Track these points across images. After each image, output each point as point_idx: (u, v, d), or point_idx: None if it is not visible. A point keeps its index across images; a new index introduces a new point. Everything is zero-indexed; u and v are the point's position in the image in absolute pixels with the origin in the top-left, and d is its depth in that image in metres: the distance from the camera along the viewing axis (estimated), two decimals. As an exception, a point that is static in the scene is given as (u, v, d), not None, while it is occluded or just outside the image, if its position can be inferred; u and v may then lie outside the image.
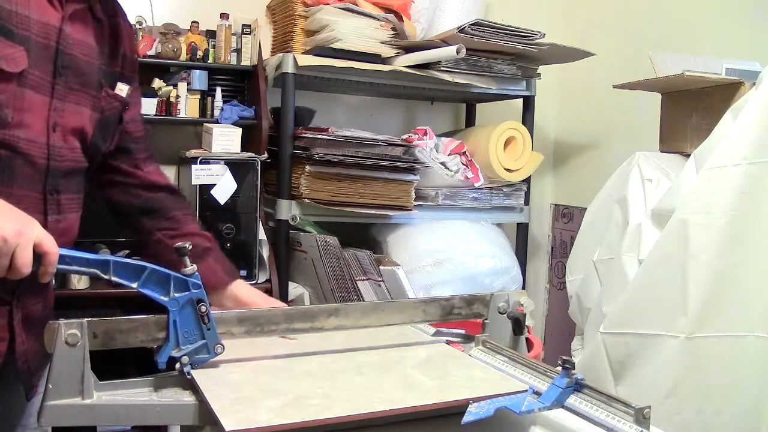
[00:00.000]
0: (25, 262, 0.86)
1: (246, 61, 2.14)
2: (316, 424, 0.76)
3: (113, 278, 0.90)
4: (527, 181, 2.32)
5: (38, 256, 0.87)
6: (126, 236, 1.97)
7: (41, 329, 0.82)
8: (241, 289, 1.20)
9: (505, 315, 1.11)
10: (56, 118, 1.02)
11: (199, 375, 0.88)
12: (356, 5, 2.07)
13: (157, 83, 2.02)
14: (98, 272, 0.90)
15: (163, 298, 0.92)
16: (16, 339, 1.03)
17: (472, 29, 2.01)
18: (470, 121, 2.60)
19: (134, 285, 0.91)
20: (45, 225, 1.01)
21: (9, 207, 0.89)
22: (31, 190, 1.01)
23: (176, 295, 0.92)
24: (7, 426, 1.10)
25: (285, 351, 1.01)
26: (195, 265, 0.94)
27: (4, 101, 0.95)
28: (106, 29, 1.13)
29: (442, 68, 2.08)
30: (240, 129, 2.01)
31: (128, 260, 0.92)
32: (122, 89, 1.16)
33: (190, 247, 0.98)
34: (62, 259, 0.89)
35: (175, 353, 0.91)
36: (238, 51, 2.14)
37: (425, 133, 2.23)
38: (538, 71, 2.28)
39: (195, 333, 0.93)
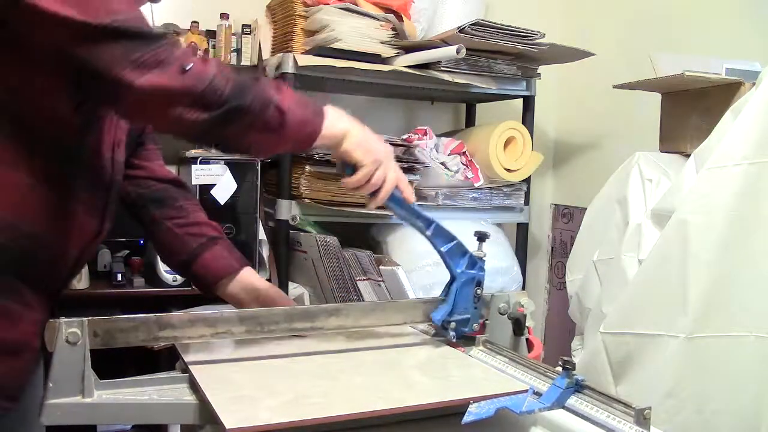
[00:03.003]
0: (394, 177, 1.02)
1: (246, 61, 2.14)
2: (316, 423, 0.76)
3: (430, 235, 1.06)
4: (527, 181, 2.32)
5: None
6: (126, 236, 1.98)
7: None
8: (253, 276, 1.20)
9: (506, 316, 1.11)
10: (115, 134, 1.07)
11: (199, 373, 0.88)
12: (356, 5, 2.07)
13: (158, 83, 2.02)
14: (423, 226, 1.06)
15: (456, 270, 1.07)
16: None
17: (472, 29, 2.01)
18: (470, 121, 2.60)
19: (442, 248, 1.06)
20: (101, 232, 1.07)
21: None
22: (98, 198, 1.05)
23: (466, 270, 1.07)
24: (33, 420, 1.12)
25: (285, 350, 1.01)
26: (485, 252, 1.09)
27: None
28: None
29: (442, 68, 2.08)
30: (240, 129, 2.00)
31: (446, 228, 1.07)
32: None
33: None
34: (402, 203, 1.05)
35: (447, 317, 1.06)
36: (238, 51, 2.14)
37: (425, 133, 2.23)
38: (538, 71, 2.28)
39: (466, 307, 1.08)
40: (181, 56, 0.88)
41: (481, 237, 1.09)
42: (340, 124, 0.99)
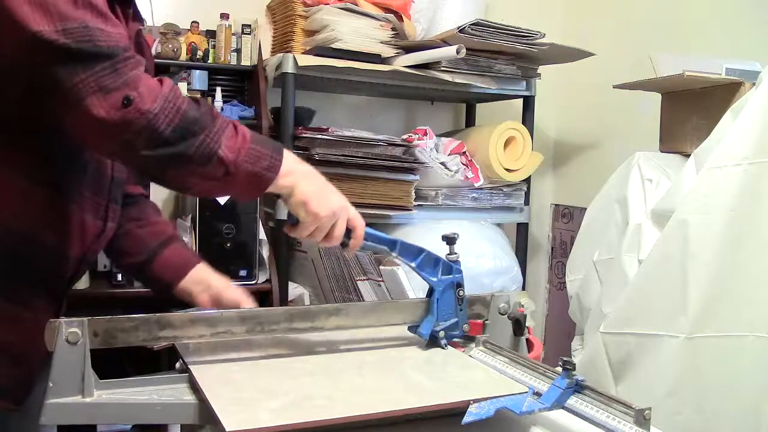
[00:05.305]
0: (341, 233, 1.00)
1: (246, 61, 2.14)
2: (316, 425, 0.76)
3: (398, 256, 1.06)
4: (527, 181, 2.32)
5: (348, 230, 1.01)
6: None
7: None
8: (208, 269, 1.20)
9: (506, 316, 1.11)
10: None
11: (199, 374, 0.88)
12: (356, 5, 2.07)
13: (157, 83, 2.02)
14: (387, 249, 1.06)
15: (432, 279, 1.07)
16: None
17: (472, 29, 2.01)
18: (470, 121, 2.60)
19: (413, 264, 1.06)
20: (104, 230, 1.07)
21: (331, 186, 1.01)
22: (100, 197, 1.05)
23: (442, 277, 1.07)
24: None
25: (286, 351, 1.01)
26: (458, 253, 1.07)
27: None
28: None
29: (442, 68, 2.08)
30: (240, 129, 2.00)
31: (410, 243, 1.07)
32: None
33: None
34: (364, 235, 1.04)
35: (435, 327, 1.05)
36: (238, 51, 2.14)
37: (425, 133, 2.23)
38: (538, 71, 2.28)
39: (450, 312, 1.07)
40: (128, 83, 0.83)
41: (450, 240, 1.08)
42: (288, 180, 0.95)
